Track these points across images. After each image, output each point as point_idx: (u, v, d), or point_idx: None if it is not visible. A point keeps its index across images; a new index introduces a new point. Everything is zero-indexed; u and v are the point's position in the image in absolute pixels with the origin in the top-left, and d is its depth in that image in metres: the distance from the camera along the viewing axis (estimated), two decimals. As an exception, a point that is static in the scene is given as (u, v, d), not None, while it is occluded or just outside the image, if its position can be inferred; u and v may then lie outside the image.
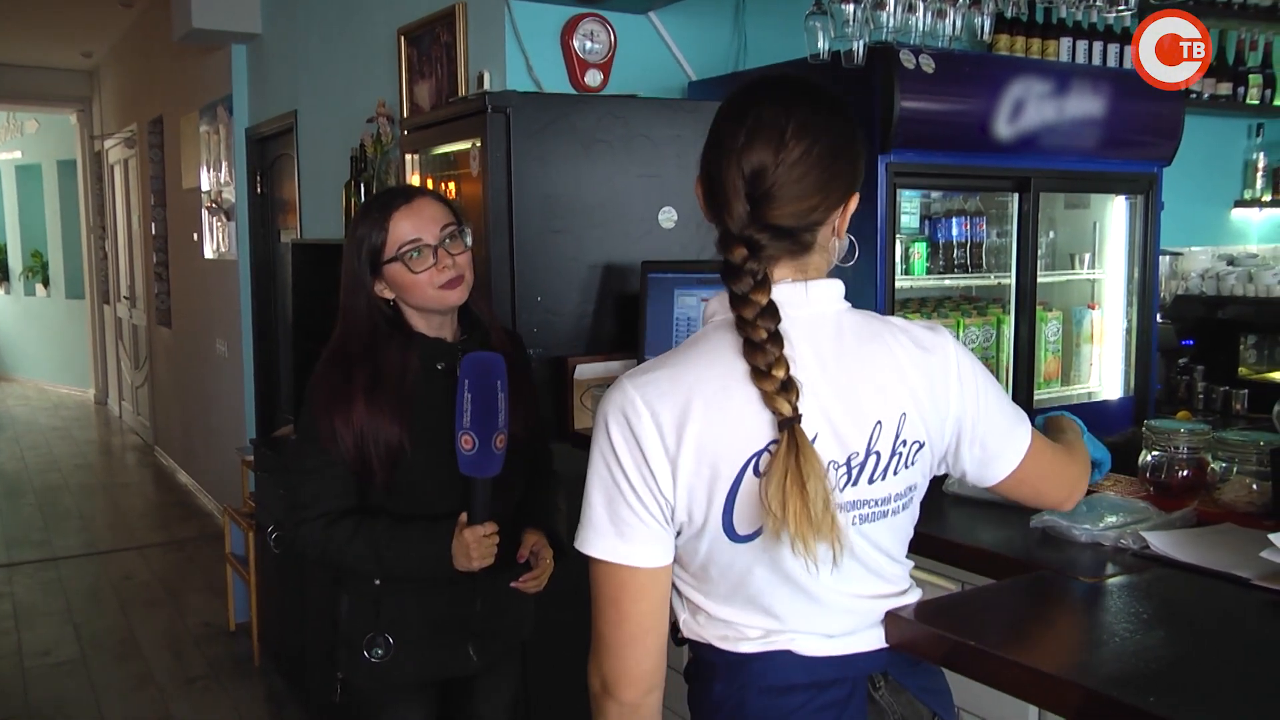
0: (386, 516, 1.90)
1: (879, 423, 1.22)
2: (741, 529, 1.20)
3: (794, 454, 1.14)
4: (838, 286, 1.27)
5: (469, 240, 1.93)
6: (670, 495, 1.20)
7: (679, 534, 1.25)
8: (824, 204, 1.22)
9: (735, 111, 1.24)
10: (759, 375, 1.17)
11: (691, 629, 1.31)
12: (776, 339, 1.18)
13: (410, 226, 1.88)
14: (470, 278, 1.93)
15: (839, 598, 1.26)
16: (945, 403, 1.27)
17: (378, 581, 1.96)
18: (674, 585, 1.30)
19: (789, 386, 1.16)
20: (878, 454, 1.23)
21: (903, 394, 1.24)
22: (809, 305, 1.24)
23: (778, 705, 1.25)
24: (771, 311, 1.19)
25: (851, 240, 1.32)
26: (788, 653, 1.25)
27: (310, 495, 1.90)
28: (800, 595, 1.25)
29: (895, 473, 1.25)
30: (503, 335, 2.03)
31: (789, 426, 1.15)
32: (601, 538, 1.22)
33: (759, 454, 1.18)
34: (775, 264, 1.23)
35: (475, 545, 1.81)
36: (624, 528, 1.21)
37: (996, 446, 1.32)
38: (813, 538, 1.14)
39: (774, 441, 1.17)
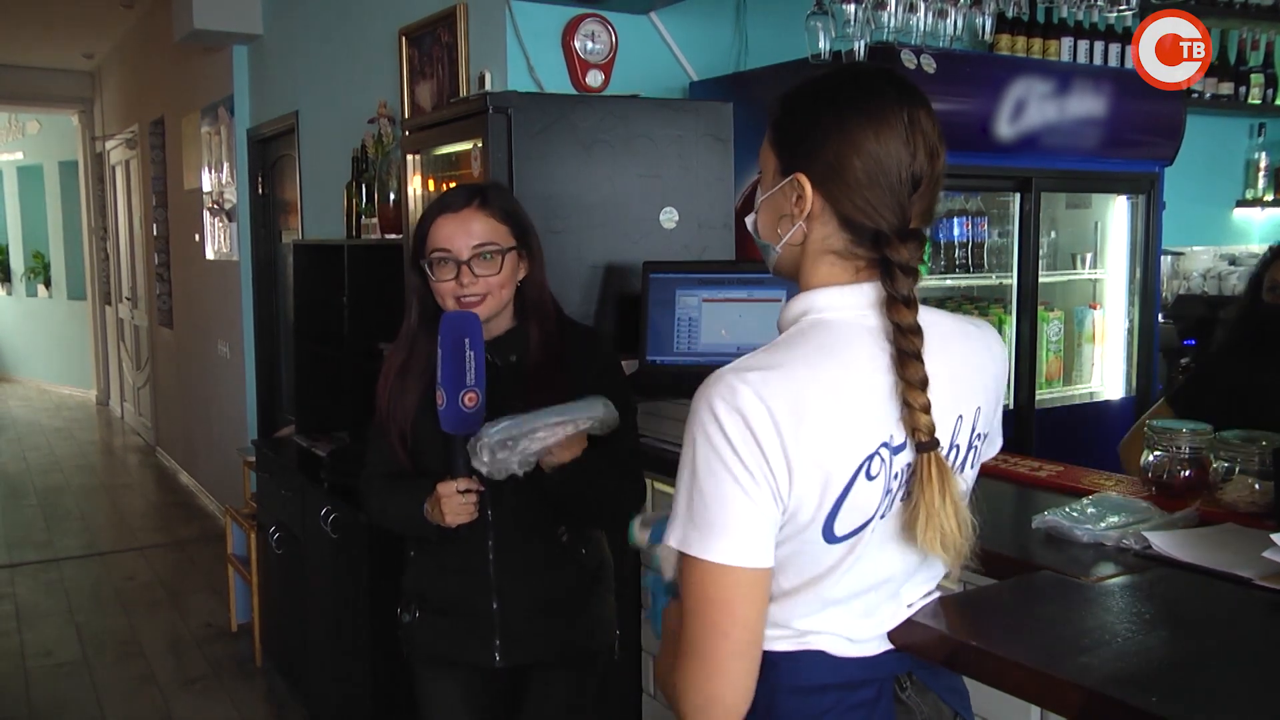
0: (400, 475, 2.01)
1: (960, 417, 1.24)
2: (840, 531, 1.18)
3: (941, 481, 1.17)
4: None
5: (503, 263, 1.91)
6: (786, 495, 1.14)
7: None
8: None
9: (887, 109, 1.21)
10: (911, 388, 1.16)
11: None
12: (921, 355, 1.17)
13: (444, 236, 1.91)
14: (503, 295, 1.93)
15: (912, 596, 1.29)
16: (998, 393, 1.33)
17: (412, 553, 2.09)
18: None
19: (930, 407, 1.16)
20: (958, 447, 1.25)
21: (978, 387, 1.27)
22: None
23: (808, 706, 1.23)
24: (919, 325, 1.19)
25: None
26: (820, 653, 1.24)
27: (367, 460, 2.08)
28: (878, 595, 1.25)
29: (972, 466, 1.28)
30: (540, 334, 1.99)
31: (930, 450, 1.17)
32: (718, 538, 1.13)
33: (870, 457, 1.17)
34: None
35: (447, 500, 1.87)
36: (743, 527, 1.13)
37: (995, 434, 1.37)
38: (956, 555, 1.19)
39: (885, 445, 1.17)
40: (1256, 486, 1.81)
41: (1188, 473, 1.89)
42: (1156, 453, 1.93)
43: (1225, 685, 1.23)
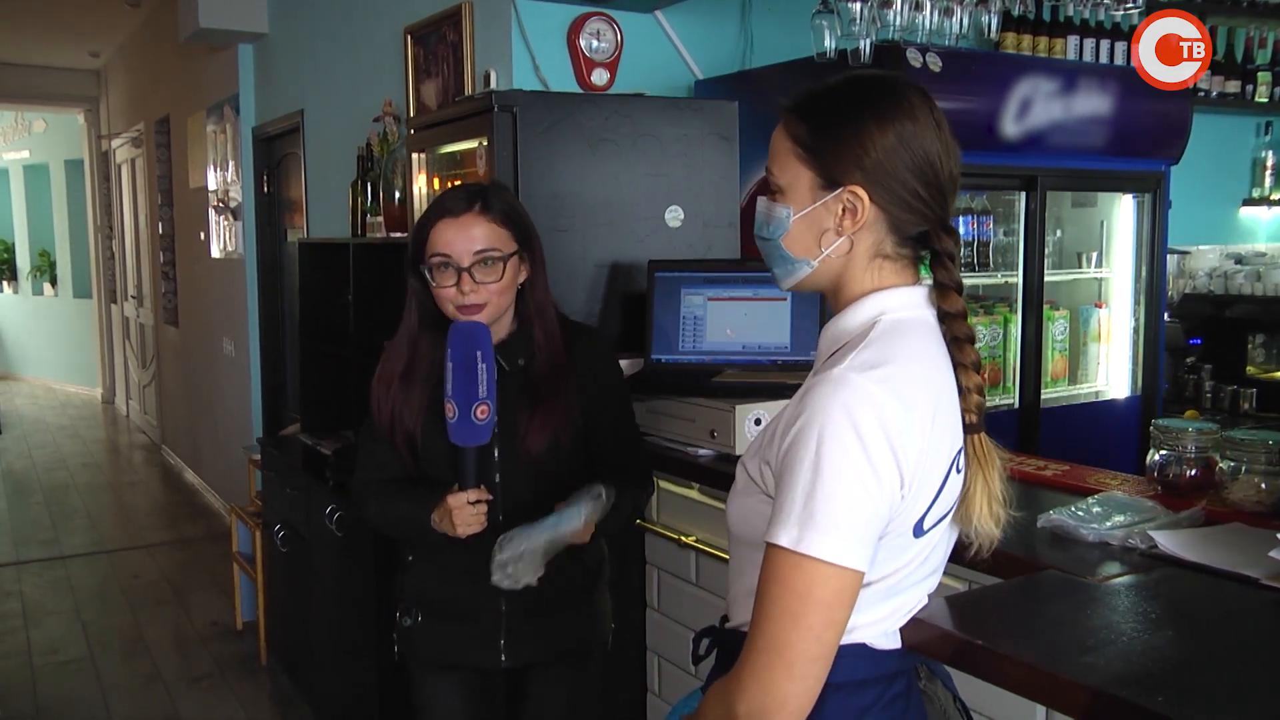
0: (402, 481, 2.00)
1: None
2: (928, 525, 1.22)
3: (989, 460, 1.23)
4: None
5: (505, 270, 1.89)
6: (902, 497, 1.15)
7: None
8: None
9: (920, 113, 1.25)
10: (966, 371, 1.22)
11: None
12: (974, 338, 1.24)
13: (444, 241, 1.88)
14: (502, 302, 1.91)
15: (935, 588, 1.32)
16: None
17: (410, 557, 2.07)
18: None
19: (983, 389, 1.23)
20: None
21: None
22: None
23: (852, 702, 1.22)
24: (967, 310, 1.25)
25: None
26: (862, 646, 1.24)
27: (360, 465, 2.05)
28: (928, 585, 1.29)
29: None
30: (545, 338, 1.98)
31: (978, 432, 1.23)
32: (837, 538, 1.11)
33: (960, 451, 1.23)
34: None
35: (458, 511, 1.85)
36: (860, 529, 1.12)
37: None
38: (1000, 530, 1.28)
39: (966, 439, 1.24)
40: (1263, 486, 1.81)
41: (1194, 472, 1.89)
42: (1163, 452, 1.92)
43: (1231, 685, 1.23)
